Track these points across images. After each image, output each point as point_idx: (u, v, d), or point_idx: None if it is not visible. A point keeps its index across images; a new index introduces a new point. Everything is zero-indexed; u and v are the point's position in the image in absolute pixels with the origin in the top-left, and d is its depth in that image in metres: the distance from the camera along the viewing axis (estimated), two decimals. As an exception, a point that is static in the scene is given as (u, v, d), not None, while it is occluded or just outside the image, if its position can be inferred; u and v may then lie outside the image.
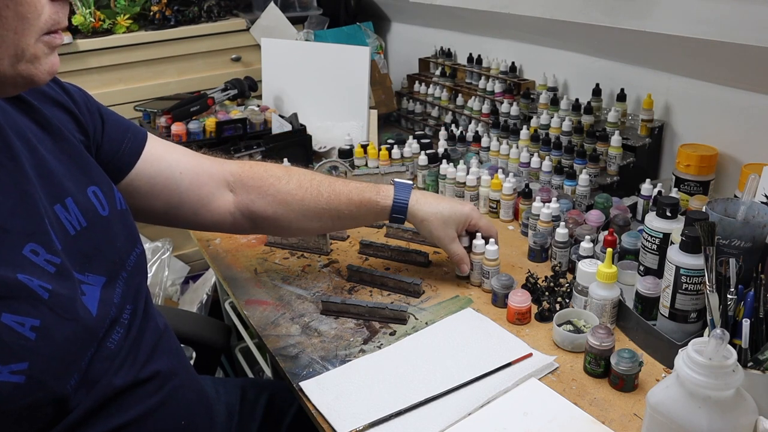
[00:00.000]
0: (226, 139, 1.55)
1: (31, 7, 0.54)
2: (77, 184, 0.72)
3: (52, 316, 0.61)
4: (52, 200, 0.68)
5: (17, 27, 0.54)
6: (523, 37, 1.75)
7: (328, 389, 0.89)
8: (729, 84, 1.25)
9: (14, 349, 0.57)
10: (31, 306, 0.60)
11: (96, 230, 0.72)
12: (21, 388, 0.58)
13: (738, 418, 0.63)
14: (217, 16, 2.12)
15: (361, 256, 1.26)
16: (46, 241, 0.64)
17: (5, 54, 0.55)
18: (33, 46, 0.57)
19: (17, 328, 0.58)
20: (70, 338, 0.63)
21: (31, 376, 0.58)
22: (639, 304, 0.97)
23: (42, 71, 0.59)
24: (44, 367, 0.60)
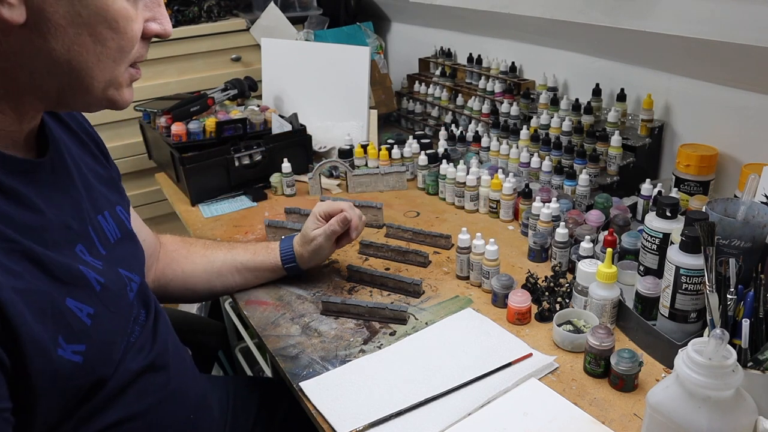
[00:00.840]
0: (226, 139, 1.55)
1: (130, 41, 0.62)
2: (109, 201, 0.81)
3: (102, 307, 0.68)
4: (95, 211, 0.76)
5: (116, 57, 0.62)
6: (523, 37, 1.75)
7: (328, 389, 0.89)
8: (729, 84, 1.25)
9: (76, 331, 0.64)
10: (87, 295, 0.67)
11: (127, 242, 0.82)
12: (78, 368, 0.64)
13: (738, 418, 0.63)
14: (217, 16, 2.12)
15: (361, 256, 1.26)
16: (90, 245, 0.72)
17: (102, 79, 0.63)
18: (122, 75, 0.65)
19: (77, 312, 0.65)
20: (115, 329, 0.71)
21: (86, 358, 0.65)
22: (639, 304, 0.97)
23: (123, 99, 0.67)
24: (96, 352, 0.66)
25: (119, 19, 0.60)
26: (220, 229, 1.42)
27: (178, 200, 1.60)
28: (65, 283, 0.64)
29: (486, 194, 1.39)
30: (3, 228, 0.59)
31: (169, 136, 1.55)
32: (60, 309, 0.63)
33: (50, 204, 0.67)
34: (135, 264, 0.81)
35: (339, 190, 1.59)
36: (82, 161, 0.78)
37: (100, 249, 0.73)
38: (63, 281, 0.64)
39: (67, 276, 0.65)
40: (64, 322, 0.62)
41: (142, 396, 0.75)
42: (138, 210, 2.38)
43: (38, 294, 0.60)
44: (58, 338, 0.61)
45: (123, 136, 2.01)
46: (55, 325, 0.61)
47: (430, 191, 1.54)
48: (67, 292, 0.64)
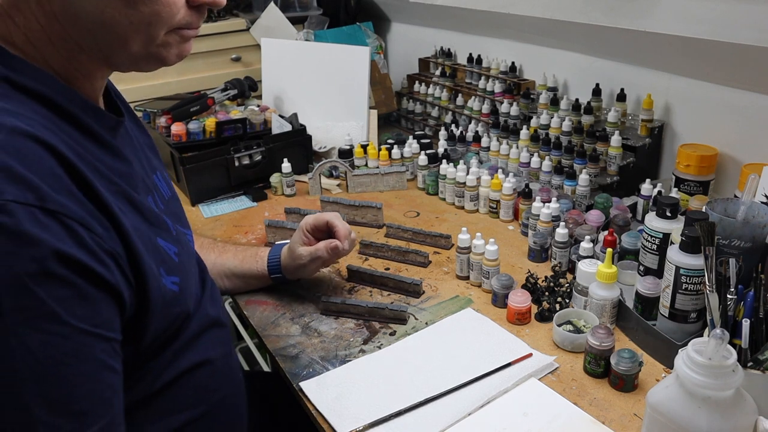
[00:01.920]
0: (226, 139, 1.55)
1: (166, 6, 0.63)
2: (157, 164, 0.86)
3: (181, 248, 0.75)
4: (151, 170, 0.81)
5: (151, 21, 0.63)
6: (523, 37, 1.75)
7: (328, 389, 0.89)
8: (729, 84, 1.25)
9: (170, 265, 0.70)
10: (170, 236, 0.73)
11: (176, 201, 0.87)
12: (176, 297, 0.70)
13: (738, 418, 0.63)
14: (217, 16, 2.12)
15: (361, 256, 1.26)
16: (155, 199, 0.77)
17: (139, 41, 0.64)
18: (165, 36, 0.65)
19: (168, 250, 0.71)
20: (192, 270, 0.78)
21: (181, 289, 0.71)
22: (639, 304, 0.97)
23: (172, 54, 0.68)
24: (187, 284, 0.73)
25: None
26: (220, 229, 1.42)
27: (178, 200, 1.60)
28: (154, 225, 0.70)
29: (486, 194, 1.39)
30: (107, 171, 0.65)
31: (169, 136, 1.55)
32: (156, 246, 0.69)
33: (132, 157, 0.73)
34: (184, 221, 0.87)
35: (339, 190, 1.59)
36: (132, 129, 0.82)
37: (160, 203, 0.78)
38: (152, 223, 0.70)
39: (155, 219, 0.71)
40: (161, 258, 0.69)
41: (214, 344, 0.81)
42: (138, 210, 2.34)
43: (141, 231, 0.66)
44: (160, 269, 0.68)
45: (123, 136, 2.01)
46: (156, 259, 0.67)
47: (430, 191, 1.54)
48: (157, 233, 0.70)
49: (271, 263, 1.10)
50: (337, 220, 1.07)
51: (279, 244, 1.12)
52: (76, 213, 0.56)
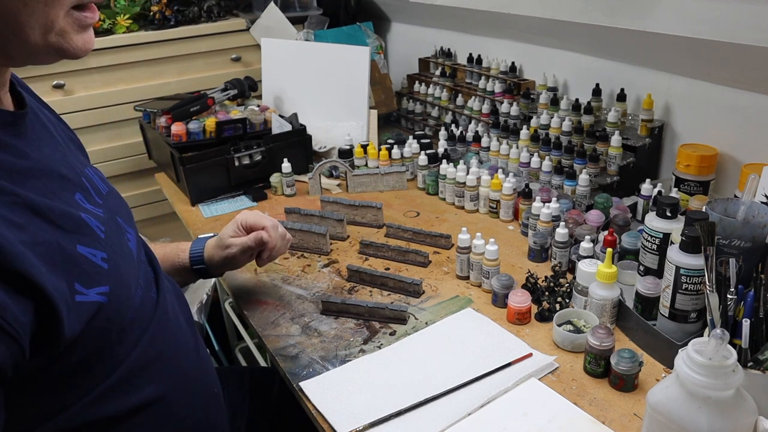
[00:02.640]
0: (226, 139, 1.55)
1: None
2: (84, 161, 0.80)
3: (113, 251, 0.68)
4: (81, 165, 0.76)
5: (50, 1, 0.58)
6: (523, 37, 1.75)
7: (328, 389, 0.89)
8: (729, 84, 1.25)
9: (93, 275, 0.64)
10: (96, 241, 0.66)
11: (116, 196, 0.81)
12: (104, 308, 0.64)
13: (738, 418, 0.63)
14: (217, 16, 2.12)
15: (361, 256, 1.26)
16: (86, 194, 0.71)
17: (35, 24, 0.58)
18: (62, 19, 0.60)
19: (92, 258, 0.64)
20: (129, 272, 0.71)
21: (110, 298, 0.65)
22: (639, 304, 0.97)
23: (74, 46, 0.62)
24: (118, 292, 0.66)
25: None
26: (220, 229, 1.41)
27: (178, 200, 1.60)
28: (71, 231, 0.63)
29: (486, 194, 1.39)
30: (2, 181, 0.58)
31: (169, 136, 1.55)
32: (72, 256, 0.62)
33: (40, 153, 0.66)
34: (126, 216, 0.80)
35: (339, 190, 1.59)
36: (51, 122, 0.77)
37: (96, 198, 0.73)
38: (68, 229, 0.63)
39: (71, 224, 0.64)
40: (78, 270, 0.62)
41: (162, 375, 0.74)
42: (138, 210, 2.39)
43: (46, 245, 0.59)
44: (74, 285, 0.61)
45: (123, 136, 2.01)
46: (68, 273, 0.61)
47: (430, 191, 1.54)
48: (76, 240, 0.63)
49: (193, 255, 1.06)
50: (273, 231, 1.05)
51: (202, 237, 1.10)
52: None
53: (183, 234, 2.13)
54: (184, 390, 0.77)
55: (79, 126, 1.92)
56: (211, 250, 1.06)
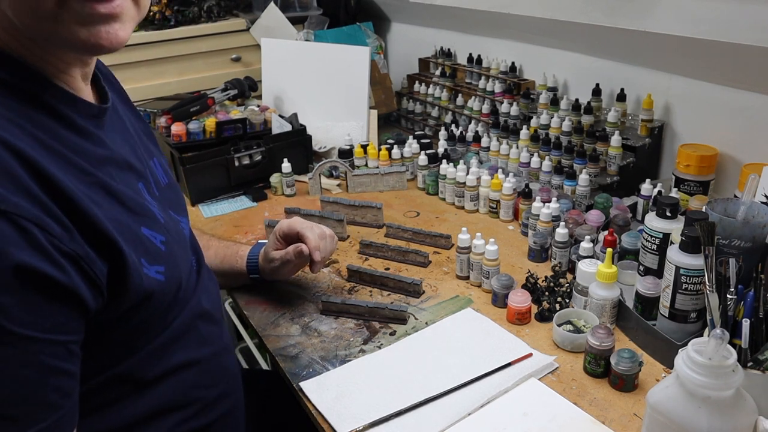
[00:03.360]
0: (226, 139, 1.55)
1: None
2: (154, 151, 0.86)
3: (169, 236, 0.74)
4: (147, 156, 0.81)
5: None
6: (523, 37, 1.75)
7: (328, 389, 0.89)
8: (729, 84, 1.25)
9: (155, 254, 0.69)
10: (157, 225, 0.72)
11: (174, 187, 0.87)
12: (162, 285, 0.70)
13: (738, 418, 0.63)
14: (217, 16, 2.12)
15: (361, 256, 1.26)
16: (147, 185, 0.76)
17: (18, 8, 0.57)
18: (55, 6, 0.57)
19: (153, 239, 0.70)
20: (182, 257, 0.77)
21: (167, 277, 0.71)
22: (639, 304, 0.97)
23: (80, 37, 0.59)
24: (173, 273, 0.72)
25: None
26: (221, 229, 1.42)
27: (178, 200, 1.60)
28: (138, 214, 0.69)
29: (486, 194, 1.39)
30: (82, 162, 0.63)
31: (169, 136, 1.55)
32: (138, 235, 0.68)
33: (115, 144, 0.72)
34: (180, 208, 0.86)
35: (339, 190, 1.59)
36: (126, 115, 0.83)
37: (154, 190, 0.78)
38: (135, 212, 0.69)
39: (138, 207, 0.70)
40: (143, 248, 0.68)
41: (204, 342, 0.81)
42: (138, 210, 2.34)
43: (119, 221, 0.65)
44: (141, 260, 0.67)
45: (123, 136, 2.01)
46: (137, 249, 0.66)
47: (430, 191, 1.54)
48: (140, 222, 0.69)
49: (250, 263, 1.10)
50: (309, 232, 1.03)
51: (260, 243, 1.12)
52: (31, 213, 0.54)
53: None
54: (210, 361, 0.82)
55: (79, 126, 1.92)
56: (261, 261, 1.09)
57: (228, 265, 1.10)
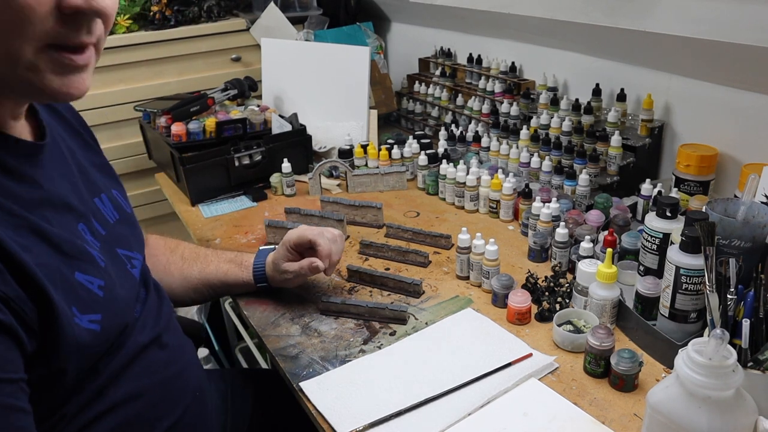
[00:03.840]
0: (226, 139, 1.55)
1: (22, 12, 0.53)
2: (105, 184, 0.83)
3: (110, 280, 0.71)
4: (91, 194, 0.78)
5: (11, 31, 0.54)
6: (523, 37, 1.75)
7: (328, 389, 0.89)
8: (729, 84, 1.25)
9: (89, 302, 0.66)
10: (95, 269, 0.69)
11: (127, 223, 0.83)
12: (97, 336, 0.67)
13: (738, 418, 0.63)
14: (217, 16, 2.12)
15: (361, 256, 1.26)
16: (90, 226, 0.73)
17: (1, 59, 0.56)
18: (33, 54, 0.56)
19: (88, 285, 0.67)
20: (125, 301, 0.74)
21: (103, 327, 0.67)
22: (639, 304, 0.97)
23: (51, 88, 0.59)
24: (111, 321, 0.69)
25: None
26: (220, 229, 1.42)
27: (178, 200, 1.60)
28: (73, 258, 0.66)
29: (486, 194, 1.39)
30: (10, 204, 0.61)
31: (169, 136, 1.55)
32: (70, 282, 0.64)
33: (52, 183, 0.69)
34: (135, 243, 0.83)
35: (339, 190, 1.59)
36: (75, 148, 0.80)
37: (99, 229, 0.75)
38: (70, 255, 0.66)
39: (74, 251, 0.67)
40: (75, 295, 0.64)
41: (148, 372, 0.78)
42: (138, 210, 2.37)
43: (49, 267, 0.62)
44: (72, 308, 0.64)
45: (123, 136, 2.01)
46: (68, 296, 0.63)
47: (430, 191, 1.54)
48: (75, 267, 0.66)
49: (256, 272, 1.08)
50: (321, 239, 1.03)
51: (264, 250, 1.11)
52: None
53: (183, 234, 2.13)
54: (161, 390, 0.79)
55: (79, 126, 1.92)
56: (271, 271, 1.08)
57: (232, 278, 1.08)
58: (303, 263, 1.03)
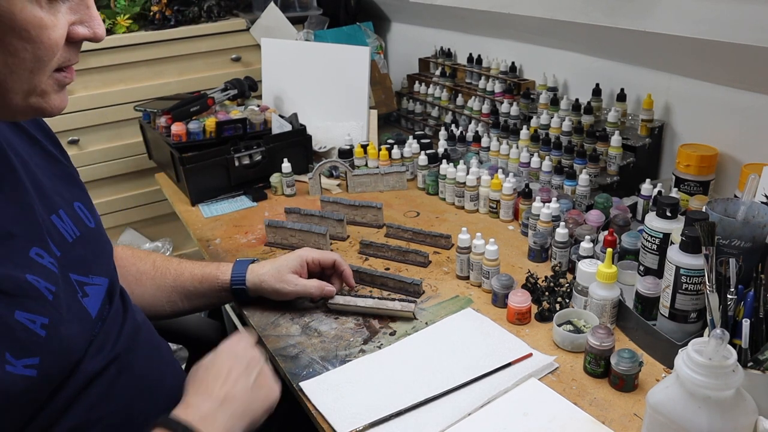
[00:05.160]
0: (226, 139, 1.55)
1: (48, 50, 0.58)
2: (65, 198, 0.77)
3: (57, 316, 0.65)
4: (48, 211, 0.73)
5: (33, 67, 0.58)
6: (523, 37, 1.75)
7: (328, 389, 0.89)
8: (729, 84, 1.25)
9: (27, 344, 0.62)
10: (39, 305, 0.64)
11: (89, 238, 0.78)
12: (33, 382, 0.62)
13: (738, 418, 0.63)
14: (217, 16, 2.12)
15: (361, 256, 1.26)
16: (45, 247, 0.69)
17: (19, 89, 0.59)
18: (44, 82, 0.60)
19: (29, 325, 0.62)
20: (73, 337, 0.68)
21: (41, 371, 0.62)
22: (639, 304, 0.97)
23: (52, 106, 0.62)
24: (53, 363, 0.64)
25: (30, 28, 0.56)
26: (220, 229, 1.42)
27: (178, 200, 1.60)
28: (13, 296, 0.62)
29: (486, 194, 1.39)
30: None
31: (169, 136, 1.55)
32: (7, 324, 0.61)
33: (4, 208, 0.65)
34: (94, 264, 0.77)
35: (339, 190, 1.59)
36: (32, 160, 0.75)
37: (54, 250, 0.70)
38: (10, 294, 0.62)
39: (15, 288, 0.62)
40: (10, 337, 0.61)
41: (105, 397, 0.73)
42: (138, 210, 2.38)
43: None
44: (5, 355, 0.60)
45: (123, 136, 2.01)
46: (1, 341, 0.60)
47: (430, 191, 1.54)
48: (16, 305, 0.62)
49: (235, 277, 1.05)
50: (345, 264, 1.08)
51: (243, 261, 1.08)
52: None
53: (183, 234, 2.14)
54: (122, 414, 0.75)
55: (79, 126, 1.92)
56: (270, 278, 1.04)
57: (207, 285, 1.05)
58: (319, 284, 1.04)
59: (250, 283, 1.05)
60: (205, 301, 1.08)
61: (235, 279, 1.05)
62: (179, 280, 1.04)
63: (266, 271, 1.05)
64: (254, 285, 1.05)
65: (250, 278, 1.05)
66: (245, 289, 1.05)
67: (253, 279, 1.05)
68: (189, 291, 1.05)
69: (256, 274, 1.05)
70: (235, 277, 1.05)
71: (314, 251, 1.08)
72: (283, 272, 1.04)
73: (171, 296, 1.04)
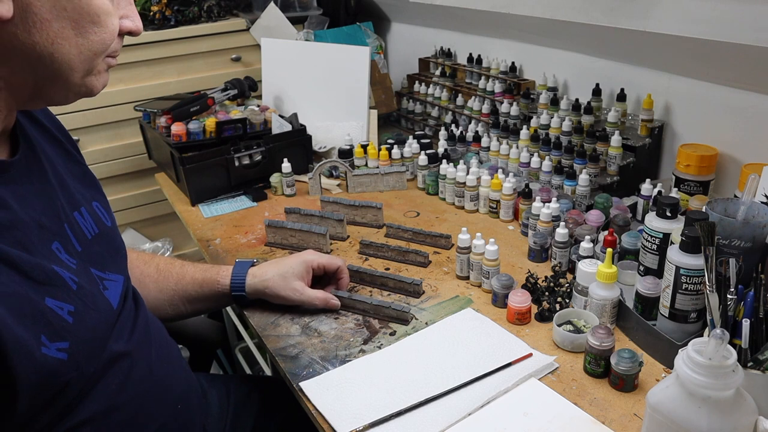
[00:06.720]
0: (226, 139, 1.55)
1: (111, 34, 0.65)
2: (85, 197, 0.81)
3: (82, 304, 0.69)
4: (71, 208, 0.76)
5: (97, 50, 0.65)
6: (523, 37, 1.75)
7: (328, 389, 0.89)
8: (729, 84, 1.25)
9: (58, 329, 0.65)
10: (66, 293, 0.67)
11: (106, 237, 0.81)
12: (64, 365, 0.65)
13: (738, 418, 0.63)
14: (217, 16, 2.12)
15: (361, 256, 1.26)
16: (65, 243, 0.72)
17: (82, 69, 0.65)
18: (100, 64, 0.67)
19: (58, 311, 0.65)
20: (97, 326, 0.71)
21: (71, 355, 0.66)
22: (639, 304, 0.97)
23: (99, 84, 0.69)
24: (80, 348, 0.67)
25: (101, 13, 0.63)
26: (220, 229, 1.42)
27: (178, 200, 1.60)
28: (42, 284, 0.65)
29: (486, 194, 1.39)
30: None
31: (169, 136, 1.55)
32: (40, 309, 0.63)
33: (23, 203, 0.67)
34: (110, 262, 0.80)
35: (339, 190, 1.59)
36: (56, 159, 0.79)
37: (76, 246, 0.74)
38: (39, 282, 0.64)
39: (43, 276, 0.65)
40: (44, 321, 0.63)
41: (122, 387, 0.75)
42: (138, 210, 2.39)
43: (16, 296, 0.61)
44: (41, 337, 0.62)
45: (123, 136, 2.01)
46: (36, 325, 0.62)
47: (430, 191, 1.54)
48: (45, 292, 0.64)
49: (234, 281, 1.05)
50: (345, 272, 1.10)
51: (242, 263, 1.08)
52: None
53: (183, 234, 2.14)
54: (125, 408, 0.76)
55: (79, 126, 1.92)
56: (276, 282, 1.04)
57: (208, 289, 1.05)
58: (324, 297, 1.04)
59: (251, 288, 1.05)
60: (206, 304, 1.08)
61: (234, 285, 1.05)
62: (181, 284, 1.05)
63: (271, 276, 1.04)
64: (256, 290, 1.05)
65: (251, 282, 1.05)
66: (244, 296, 1.06)
67: (255, 283, 1.05)
68: (190, 295, 1.05)
69: (258, 278, 1.05)
70: (235, 283, 1.05)
71: (320, 256, 1.07)
72: (289, 279, 1.04)
73: (173, 300, 1.05)
